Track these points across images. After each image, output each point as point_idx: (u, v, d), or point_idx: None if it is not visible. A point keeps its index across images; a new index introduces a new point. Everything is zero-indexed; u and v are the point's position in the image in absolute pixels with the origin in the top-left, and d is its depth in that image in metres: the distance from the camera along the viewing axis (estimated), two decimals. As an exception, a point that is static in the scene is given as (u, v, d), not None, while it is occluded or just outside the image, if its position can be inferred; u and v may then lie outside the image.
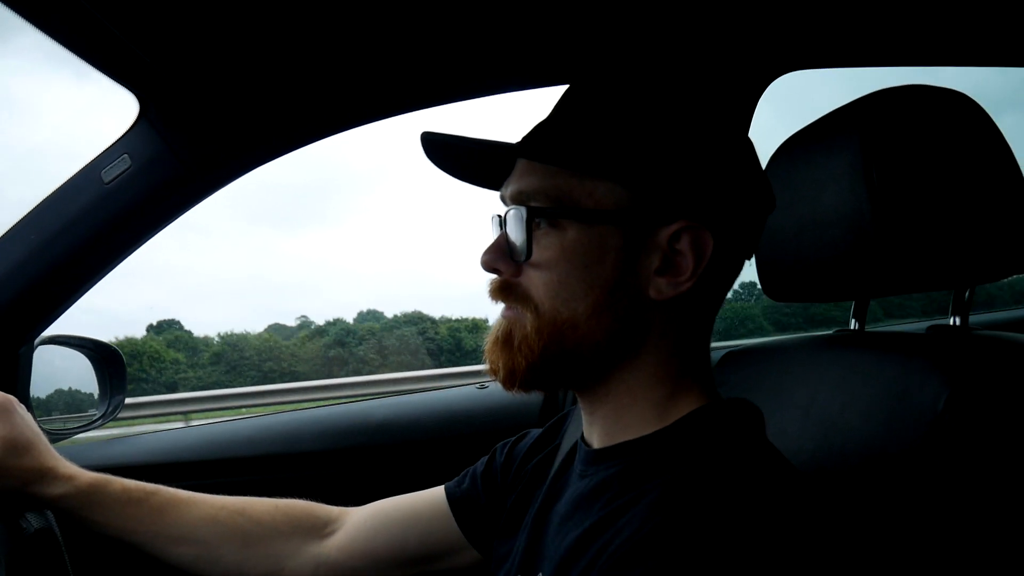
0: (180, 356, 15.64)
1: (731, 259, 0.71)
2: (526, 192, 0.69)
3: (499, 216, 0.75)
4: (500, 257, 0.72)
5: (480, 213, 0.83)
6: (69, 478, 0.92)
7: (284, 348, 16.34)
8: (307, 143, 1.20)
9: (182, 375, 15.14)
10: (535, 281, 0.69)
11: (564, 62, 1.21)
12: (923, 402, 0.69)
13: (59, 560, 0.92)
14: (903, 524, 0.70)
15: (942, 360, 0.72)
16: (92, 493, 0.92)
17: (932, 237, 0.74)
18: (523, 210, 0.68)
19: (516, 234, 0.70)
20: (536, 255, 0.69)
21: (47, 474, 0.90)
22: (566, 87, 0.74)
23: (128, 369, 1.34)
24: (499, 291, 0.72)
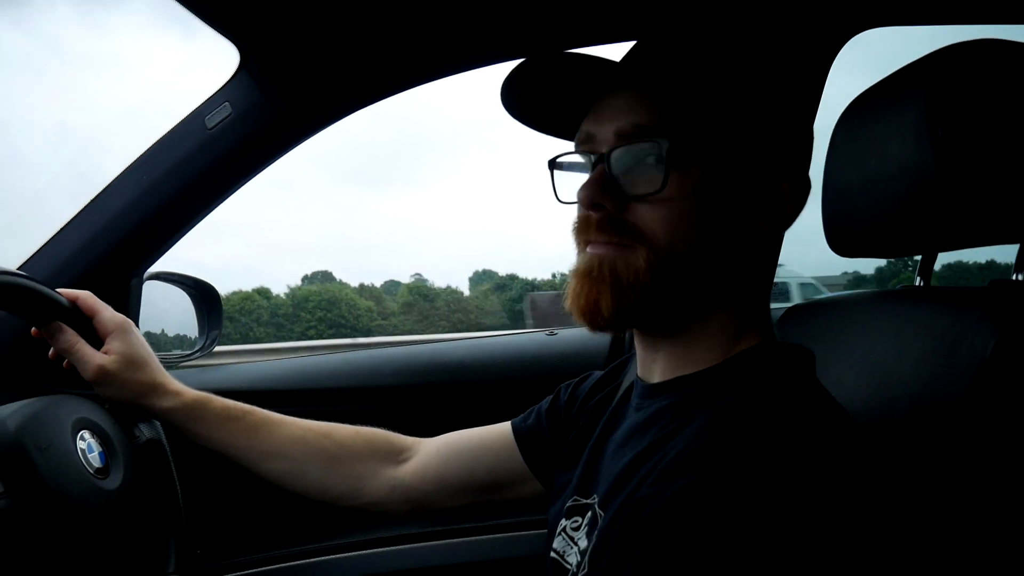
0: (371, 304, 16.03)
1: (799, 206, 0.75)
2: (646, 127, 0.69)
3: (592, 154, 0.74)
4: (605, 192, 0.71)
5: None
6: (177, 393, 1.01)
7: (469, 300, 16.54)
8: (395, 92, 1.26)
9: (376, 323, 15.57)
10: (649, 216, 0.69)
11: (640, 15, 1.22)
12: (972, 349, 0.71)
13: (166, 467, 1.03)
14: (949, 469, 0.72)
15: (993, 310, 0.73)
16: (196, 408, 1.02)
17: (996, 190, 0.75)
18: (663, 143, 0.68)
19: (633, 169, 0.70)
20: (658, 189, 0.68)
21: (158, 388, 1.00)
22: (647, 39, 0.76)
23: (328, 315, 1.47)
24: (602, 226, 0.71)
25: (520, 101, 0.79)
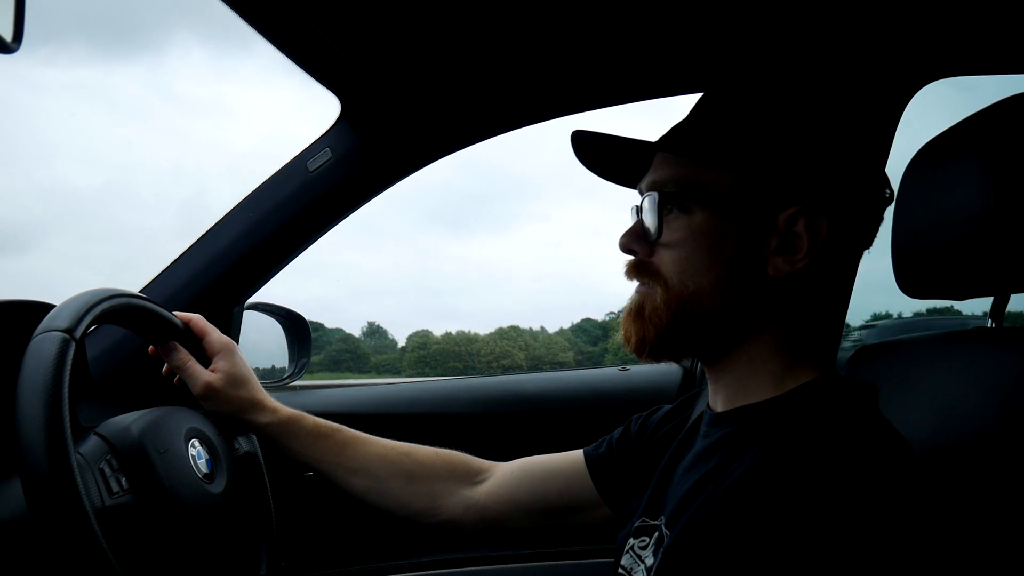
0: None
1: (847, 244, 0.78)
2: (659, 181, 0.79)
3: (636, 206, 0.84)
4: (635, 239, 0.81)
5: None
6: (274, 411, 1.10)
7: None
8: (479, 140, 1.37)
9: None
10: (665, 259, 0.78)
11: (708, 69, 1.30)
12: None
13: (260, 478, 1.11)
14: (1007, 503, 0.73)
15: None
16: (290, 425, 1.10)
17: None
18: (655, 195, 0.78)
19: (650, 218, 0.79)
20: (666, 235, 0.78)
21: (257, 405, 1.09)
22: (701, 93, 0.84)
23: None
24: (633, 269, 0.82)
25: (589, 157, 0.88)
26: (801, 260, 0.75)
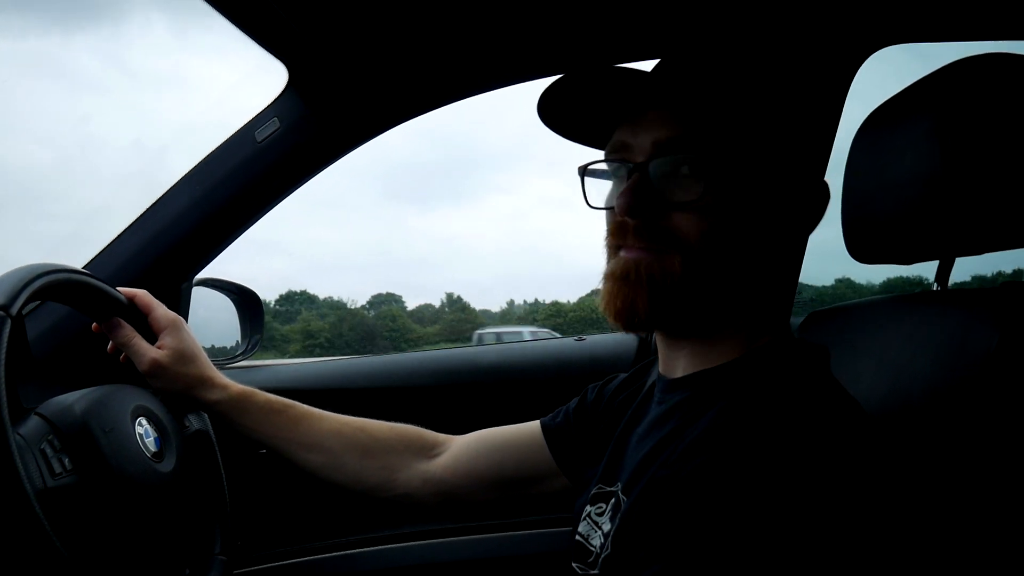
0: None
1: (813, 212, 0.80)
2: (680, 140, 0.74)
3: (627, 163, 0.78)
4: (643, 199, 0.75)
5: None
6: (224, 387, 1.08)
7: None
8: (434, 107, 1.34)
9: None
10: (686, 223, 0.73)
11: (662, 35, 1.28)
12: (979, 345, 0.75)
13: (213, 457, 1.09)
14: (957, 458, 0.75)
15: (1000, 309, 0.77)
16: (241, 401, 1.08)
17: (1004, 196, 0.79)
18: (692, 156, 0.73)
19: (670, 179, 0.74)
20: (686, 197, 0.73)
21: (207, 382, 1.07)
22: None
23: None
24: (639, 231, 0.75)
25: (557, 110, 0.83)
26: (808, 227, 0.78)
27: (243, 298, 1.58)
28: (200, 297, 1.46)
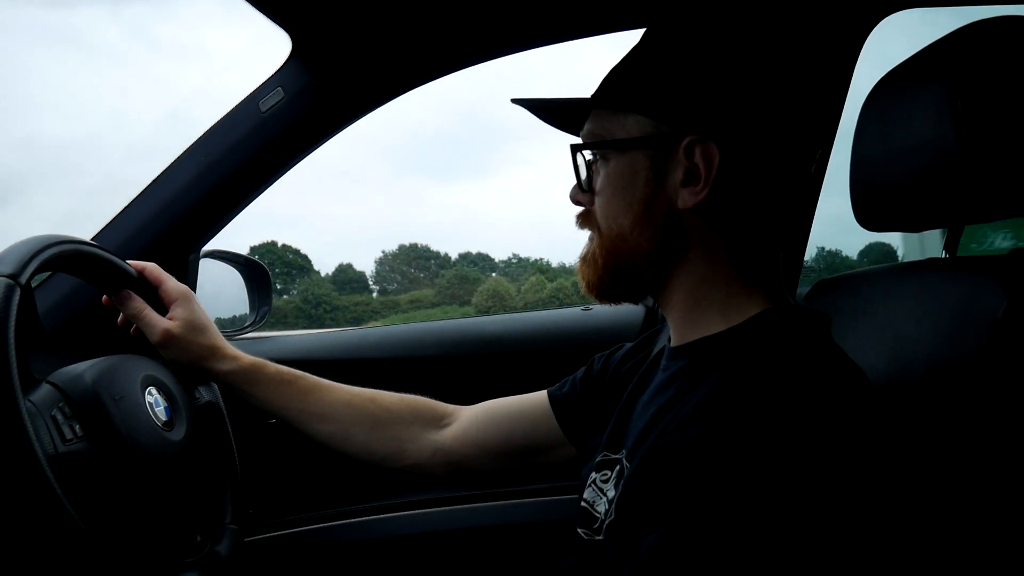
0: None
1: (755, 171, 0.76)
2: (585, 134, 0.84)
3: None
4: (577, 192, 0.85)
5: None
6: (234, 358, 1.08)
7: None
8: (440, 75, 1.33)
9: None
10: (596, 207, 0.83)
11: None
12: (985, 312, 0.74)
13: (223, 427, 1.10)
14: (962, 427, 0.75)
15: (1008, 275, 0.76)
16: (252, 371, 1.09)
17: (1014, 162, 0.78)
18: (579, 147, 0.83)
19: (581, 171, 0.85)
20: (594, 184, 0.83)
21: (217, 352, 1.07)
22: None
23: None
24: (580, 219, 0.87)
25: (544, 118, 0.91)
26: (703, 190, 0.76)
27: (251, 270, 1.58)
28: (208, 269, 1.46)
